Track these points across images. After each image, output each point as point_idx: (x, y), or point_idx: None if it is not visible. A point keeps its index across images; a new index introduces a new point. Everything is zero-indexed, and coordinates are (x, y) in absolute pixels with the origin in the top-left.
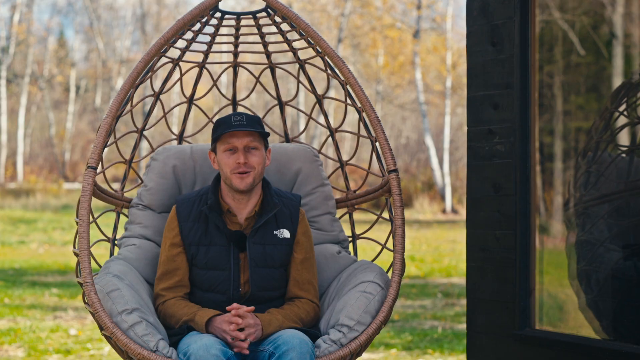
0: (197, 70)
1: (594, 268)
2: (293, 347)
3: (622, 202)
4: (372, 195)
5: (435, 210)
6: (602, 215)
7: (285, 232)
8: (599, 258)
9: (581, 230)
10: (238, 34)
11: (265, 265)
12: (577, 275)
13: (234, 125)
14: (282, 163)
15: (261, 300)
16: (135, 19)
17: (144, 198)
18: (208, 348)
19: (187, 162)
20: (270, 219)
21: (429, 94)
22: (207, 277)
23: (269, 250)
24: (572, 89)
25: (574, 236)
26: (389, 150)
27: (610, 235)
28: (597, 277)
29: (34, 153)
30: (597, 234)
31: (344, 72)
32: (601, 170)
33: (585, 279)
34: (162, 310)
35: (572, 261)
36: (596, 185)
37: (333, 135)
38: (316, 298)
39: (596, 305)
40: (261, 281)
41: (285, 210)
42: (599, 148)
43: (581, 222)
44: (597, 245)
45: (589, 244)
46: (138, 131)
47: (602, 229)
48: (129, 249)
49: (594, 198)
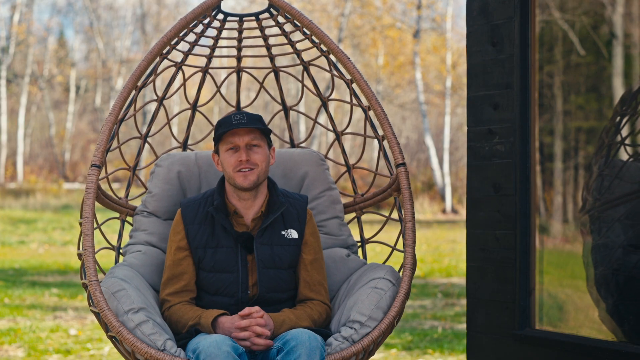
0: (199, 75)
1: (613, 272)
2: (302, 342)
3: (636, 204)
4: (381, 196)
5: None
6: (618, 218)
7: (293, 233)
8: (616, 262)
9: (597, 235)
10: (241, 37)
11: (274, 267)
12: (595, 282)
13: (234, 124)
14: (289, 167)
15: (270, 302)
16: (135, 19)
17: (148, 205)
18: (219, 345)
19: (191, 169)
20: (278, 219)
21: (429, 94)
22: (214, 280)
23: (277, 251)
24: (572, 89)
25: (589, 243)
26: (396, 144)
27: (627, 238)
28: (616, 280)
29: (34, 153)
30: (613, 237)
31: (349, 67)
32: (613, 173)
33: (604, 284)
34: (168, 316)
35: (589, 268)
36: (609, 189)
37: (339, 139)
38: (327, 299)
39: (618, 310)
40: (270, 283)
41: (293, 210)
42: (610, 151)
43: (597, 227)
44: (615, 249)
45: (606, 248)
46: (142, 137)
47: (618, 232)
48: (134, 255)
49: (608, 201)
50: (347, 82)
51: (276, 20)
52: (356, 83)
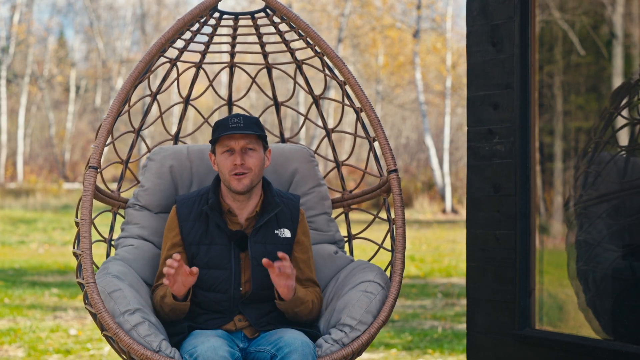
0: (194, 70)
1: (592, 268)
2: (295, 349)
3: (619, 202)
4: (369, 195)
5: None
6: (600, 215)
7: (286, 232)
8: (596, 258)
9: (580, 230)
10: (235, 34)
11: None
12: (576, 275)
13: (231, 127)
14: (279, 163)
15: (262, 299)
16: (135, 19)
17: (140, 198)
18: (216, 349)
19: (183, 163)
20: (272, 218)
21: (429, 94)
22: (207, 276)
23: (270, 249)
24: (572, 89)
25: (573, 236)
26: (389, 151)
27: (608, 235)
28: (594, 276)
29: (34, 153)
30: (594, 233)
31: (344, 72)
32: (599, 170)
33: (583, 279)
34: (153, 301)
35: (571, 261)
36: (594, 185)
37: (329, 136)
38: (318, 287)
39: (594, 305)
40: (262, 280)
41: (286, 210)
42: (597, 148)
43: (580, 222)
44: (595, 245)
45: (587, 244)
46: (135, 131)
47: (600, 228)
48: (126, 249)
49: (592, 198)
50: (340, 83)
51: (271, 20)
52: (350, 88)
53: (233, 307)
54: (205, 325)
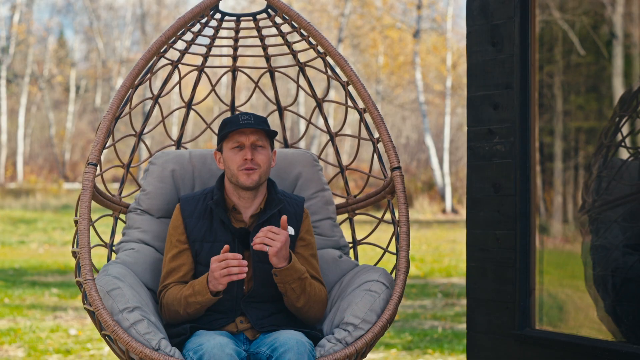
0: (196, 73)
1: (610, 273)
2: (290, 348)
3: (634, 205)
4: (374, 199)
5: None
6: (616, 219)
7: (290, 229)
8: (614, 262)
9: (595, 236)
10: (237, 36)
11: (269, 262)
12: (593, 282)
13: (241, 123)
14: (282, 168)
15: (264, 297)
16: (135, 19)
17: (142, 203)
18: (222, 347)
19: (185, 167)
20: (275, 216)
21: (429, 94)
22: None
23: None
24: (572, 89)
25: (588, 243)
26: (392, 148)
27: (625, 239)
28: (613, 281)
29: (34, 153)
30: (611, 238)
31: (347, 71)
32: (612, 174)
33: (602, 285)
34: (165, 299)
35: (588, 268)
36: (608, 190)
37: (333, 140)
38: (324, 286)
39: (614, 311)
40: (264, 277)
41: (290, 209)
42: (609, 152)
43: (595, 228)
44: (612, 250)
45: (604, 249)
46: (136, 135)
47: (616, 233)
48: (127, 253)
49: (607, 202)
50: (343, 84)
51: (273, 21)
52: (353, 86)
53: (235, 306)
54: (208, 326)
